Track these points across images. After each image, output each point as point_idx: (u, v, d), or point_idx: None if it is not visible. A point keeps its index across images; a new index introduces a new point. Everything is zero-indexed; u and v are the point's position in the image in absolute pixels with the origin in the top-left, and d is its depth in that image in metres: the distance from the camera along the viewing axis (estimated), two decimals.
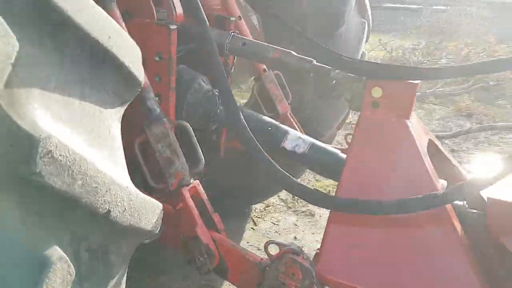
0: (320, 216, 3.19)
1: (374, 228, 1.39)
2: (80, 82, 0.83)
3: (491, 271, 1.31)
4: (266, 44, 1.84)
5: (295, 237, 2.97)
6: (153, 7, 1.75)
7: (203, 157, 1.59)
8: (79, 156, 0.75)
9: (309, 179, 3.70)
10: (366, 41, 2.81)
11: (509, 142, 4.32)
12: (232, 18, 2.08)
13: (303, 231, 3.06)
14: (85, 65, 0.84)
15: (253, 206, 3.31)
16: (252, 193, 2.98)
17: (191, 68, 1.99)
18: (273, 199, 3.36)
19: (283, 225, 3.13)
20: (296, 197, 2.59)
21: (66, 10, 0.74)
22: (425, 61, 7.54)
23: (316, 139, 2.45)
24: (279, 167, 1.49)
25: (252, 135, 1.53)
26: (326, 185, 3.58)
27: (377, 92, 1.51)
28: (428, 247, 1.32)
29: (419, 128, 1.59)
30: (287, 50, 1.79)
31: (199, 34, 1.66)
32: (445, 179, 1.50)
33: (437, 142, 1.68)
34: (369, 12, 2.83)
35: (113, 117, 0.95)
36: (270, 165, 1.48)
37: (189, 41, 1.89)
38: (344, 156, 1.71)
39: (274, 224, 3.15)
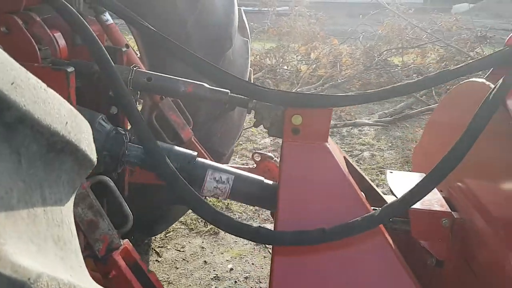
0: (225, 232, 3.18)
1: (319, 255, 1.45)
2: (39, 184, 0.67)
3: (415, 271, 1.49)
4: (173, 77, 1.74)
5: (205, 262, 2.90)
6: (36, 48, 1.53)
7: (130, 212, 1.43)
8: (68, 286, 0.61)
9: None
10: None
11: (367, 133, 4.98)
12: (123, 49, 1.91)
13: (211, 252, 3.00)
14: (41, 162, 0.68)
15: None
16: (153, 223, 2.81)
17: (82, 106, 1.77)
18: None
19: (189, 250, 3.02)
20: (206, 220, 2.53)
21: (23, 105, 0.59)
22: (279, 64, 8.01)
23: (219, 158, 2.42)
24: (217, 209, 1.44)
25: (178, 174, 1.46)
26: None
27: (297, 120, 1.58)
28: (369, 262, 1.43)
29: (335, 149, 1.71)
30: (198, 82, 1.72)
31: (103, 72, 1.49)
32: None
33: (349, 159, 1.83)
34: (248, 29, 2.91)
35: (70, 212, 0.79)
36: (208, 208, 1.42)
37: (79, 77, 1.69)
38: (268, 182, 1.74)
39: (179, 251, 3.02)
